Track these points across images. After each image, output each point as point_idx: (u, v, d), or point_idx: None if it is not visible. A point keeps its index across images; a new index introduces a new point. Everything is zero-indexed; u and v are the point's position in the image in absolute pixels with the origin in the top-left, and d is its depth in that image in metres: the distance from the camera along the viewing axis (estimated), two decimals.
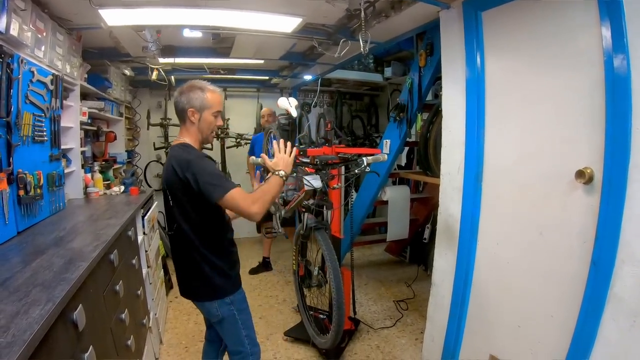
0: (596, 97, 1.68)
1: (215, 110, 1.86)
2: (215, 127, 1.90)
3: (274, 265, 5.02)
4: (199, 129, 1.85)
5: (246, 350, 1.97)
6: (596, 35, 1.67)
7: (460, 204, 2.46)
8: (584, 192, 1.75)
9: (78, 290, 1.32)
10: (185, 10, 2.55)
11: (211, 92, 1.85)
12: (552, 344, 1.89)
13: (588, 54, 1.72)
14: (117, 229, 2.02)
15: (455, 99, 2.45)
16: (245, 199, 1.67)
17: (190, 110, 1.82)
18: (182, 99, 1.83)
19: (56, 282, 1.27)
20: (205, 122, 1.85)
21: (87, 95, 3.61)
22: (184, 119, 1.86)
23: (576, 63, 1.79)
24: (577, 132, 1.79)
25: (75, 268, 1.39)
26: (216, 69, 4.69)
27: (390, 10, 2.51)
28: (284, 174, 1.82)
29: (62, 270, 1.38)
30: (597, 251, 1.67)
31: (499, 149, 2.24)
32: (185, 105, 1.82)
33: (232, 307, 1.90)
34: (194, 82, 1.87)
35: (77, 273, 1.34)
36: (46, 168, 2.36)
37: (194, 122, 1.84)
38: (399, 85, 5.77)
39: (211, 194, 1.65)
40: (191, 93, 1.82)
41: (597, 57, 1.67)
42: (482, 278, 2.36)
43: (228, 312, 1.89)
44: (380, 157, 2.47)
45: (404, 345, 3.18)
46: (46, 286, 1.24)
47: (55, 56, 2.60)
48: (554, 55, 1.89)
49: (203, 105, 1.82)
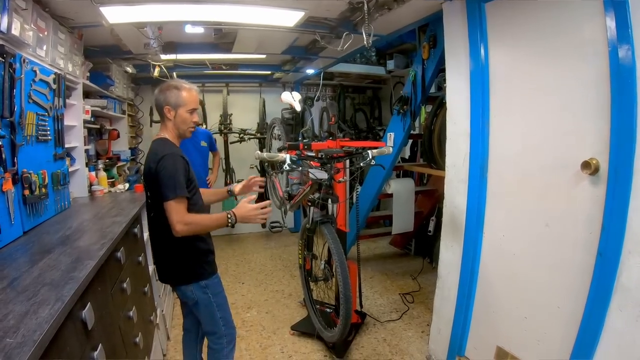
0: (601, 88, 1.68)
1: (190, 108, 1.97)
2: (191, 123, 2.01)
3: (279, 260, 5.03)
4: (175, 125, 1.98)
5: (221, 331, 2.07)
6: (601, 26, 1.66)
7: (465, 195, 2.46)
8: (590, 183, 1.75)
9: (86, 289, 1.33)
10: (187, 6, 2.53)
11: (187, 91, 1.97)
12: (559, 335, 1.90)
13: (593, 44, 1.71)
14: (123, 226, 2.03)
15: (460, 90, 2.44)
16: (178, 213, 1.78)
17: (166, 108, 1.95)
18: (160, 97, 1.96)
19: (64, 281, 1.28)
20: (180, 118, 1.97)
21: (90, 94, 3.62)
22: (161, 115, 1.99)
23: (581, 54, 1.78)
24: (583, 123, 1.79)
25: (83, 266, 1.40)
26: (218, 64, 4.67)
27: (393, 3, 2.49)
28: (233, 221, 1.90)
29: (70, 269, 1.39)
30: (604, 242, 1.67)
31: (504, 140, 2.24)
32: (162, 102, 1.95)
33: (207, 290, 2.00)
34: (171, 81, 2.02)
35: (85, 271, 1.35)
36: (50, 167, 2.37)
37: (170, 118, 1.97)
38: (401, 78, 5.74)
39: (161, 193, 1.79)
40: (168, 91, 1.95)
41: (602, 48, 1.66)
42: (488, 270, 2.37)
43: (203, 296, 1.99)
44: (385, 150, 2.47)
45: (411, 337, 3.19)
46: (54, 285, 1.25)
47: (57, 55, 2.60)
48: (558, 46, 1.89)
49: (178, 103, 1.94)
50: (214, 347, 2.10)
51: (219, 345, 2.09)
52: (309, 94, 6.40)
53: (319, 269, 2.87)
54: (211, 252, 2.09)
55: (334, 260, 2.51)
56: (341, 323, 2.48)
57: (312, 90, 6.41)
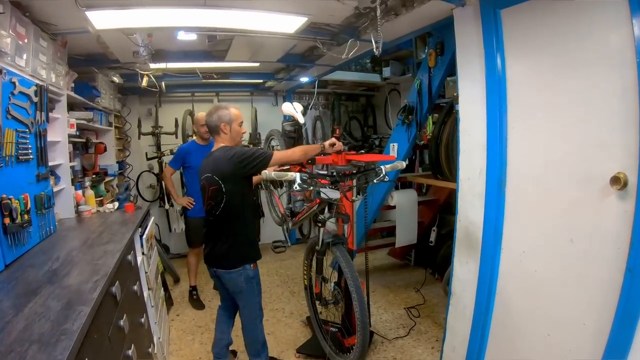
0: (629, 99, 1.62)
1: (240, 121, 2.46)
2: (242, 134, 2.51)
3: (277, 275, 4.84)
4: (231, 137, 2.43)
5: (256, 313, 2.51)
6: (627, 34, 1.60)
7: (482, 210, 2.36)
8: (618, 197, 1.69)
9: (82, 343, 1.13)
10: (181, 11, 2.35)
11: (234, 109, 2.45)
12: (585, 352, 1.82)
13: (619, 53, 1.65)
14: (117, 256, 1.82)
15: (474, 101, 2.34)
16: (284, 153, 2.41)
17: (222, 124, 2.38)
18: (214, 117, 2.39)
19: (55, 336, 1.07)
20: (235, 131, 2.44)
21: (75, 106, 3.39)
22: (217, 132, 2.41)
23: (607, 63, 1.71)
24: (610, 135, 1.72)
25: (76, 315, 1.20)
26: (209, 73, 4.49)
27: (401, 8, 2.35)
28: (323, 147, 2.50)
29: (61, 319, 1.18)
30: (633, 258, 1.61)
31: (524, 153, 2.15)
32: (217, 121, 2.38)
33: (253, 280, 2.42)
34: (218, 104, 2.58)
35: (79, 322, 1.15)
36: (33, 189, 2.14)
37: (226, 132, 2.40)
38: (396, 85, 5.64)
39: (258, 164, 2.26)
40: (220, 111, 2.39)
41: (630, 57, 1.60)
42: (507, 287, 2.28)
43: (248, 285, 2.41)
44: (398, 165, 2.38)
45: (421, 355, 3.06)
46: (44, 343, 1.04)
47: (38, 64, 2.39)
48: (581, 56, 1.81)
49: (231, 119, 2.40)
50: (249, 325, 2.52)
51: (254, 324, 2.51)
52: (302, 102, 6.24)
53: (329, 291, 2.74)
54: (257, 242, 2.58)
55: (349, 285, 2.39)
56: (357, 350, 2.33)
57: (305, 99, 6.26)
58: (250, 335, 2.55)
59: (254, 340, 2.55)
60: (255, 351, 2.57)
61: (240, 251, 2.38)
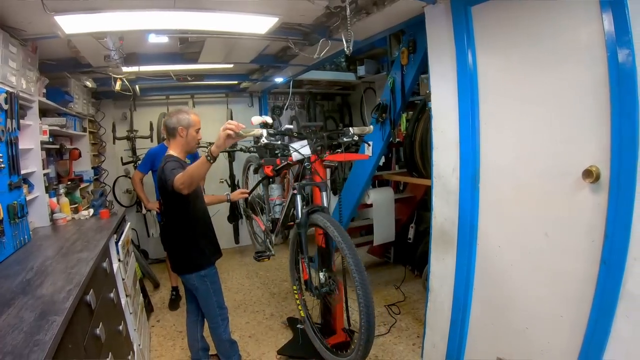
0: (600, 94, 1.65)
1: (197, 128, 2.47)
2: (198, 140, 2.52)
3: (256, 277, 4.83)
4: (187, 142, 2.44)
5: (215, 312, 2.54)
6: (597, 30, 1.62)
7: (456, 206, 2.39)
8: (591, 191, 1.72)
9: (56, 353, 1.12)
10: (150, 14, 2.33)
11: (194, 114, 2.48)
12: (563, 344, 1.86)
13: (590, 48, 1.67)
14: (90, 264, 1.80)
15: (446, 98, 2.37)
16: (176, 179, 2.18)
17: (180, 128, 2.40)
18: (173, 120, 2.41)
19: (29, 347, 1.06)
20: (191, 136, 2.44)
21: (47, 112, 3.33)
22: (174, 135, 2.43)
23: (577, 58, 1.74)
24: (581, 130, 1.76)
25: (49, 326, 1.19)
26: (183, 75, 4.44)
27: (372, 7, 2.38)
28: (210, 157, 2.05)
29: (34, 330, 1.17)
30: (607, 250, 1.64)
31: (497, 148, 2.18)
32: (176, 124, 2.40)
33: (206, 279, 2.47)
34: (179, 108, 2.54)
35: (52, 332, 1.14)
36: (6, 199, 2.10)
37: (182, 136, 2.42)
38: (371, 83, 5.69)
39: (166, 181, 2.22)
40: (179, 115, 2.42)
41: (600, 52, 1.63)
42: (484, 281, 2.31)
43: (202, 284, 2.47)
44: (366, 129, 2.47)
45: (402, 352, 3.09)
46: (17, 355, 1.03)
47: (8, 71, 2.35)
48: (551, 52, 1.84)
49: (189, 124, 2.42)
50: (212, 325, 2.58)
51: (215, 323, 2.55)
52: (277, 102, 6.27)
53: (320, 277, 2.45)
54: (210, 247, 2.56)
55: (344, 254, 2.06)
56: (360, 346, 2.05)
57: (280, 99, 6.27)
58: (213, 335, 2.60)
59: (219, 340, 2.59)
60: (224, 351, 2.61)
61: (186, 258, 2.47)
